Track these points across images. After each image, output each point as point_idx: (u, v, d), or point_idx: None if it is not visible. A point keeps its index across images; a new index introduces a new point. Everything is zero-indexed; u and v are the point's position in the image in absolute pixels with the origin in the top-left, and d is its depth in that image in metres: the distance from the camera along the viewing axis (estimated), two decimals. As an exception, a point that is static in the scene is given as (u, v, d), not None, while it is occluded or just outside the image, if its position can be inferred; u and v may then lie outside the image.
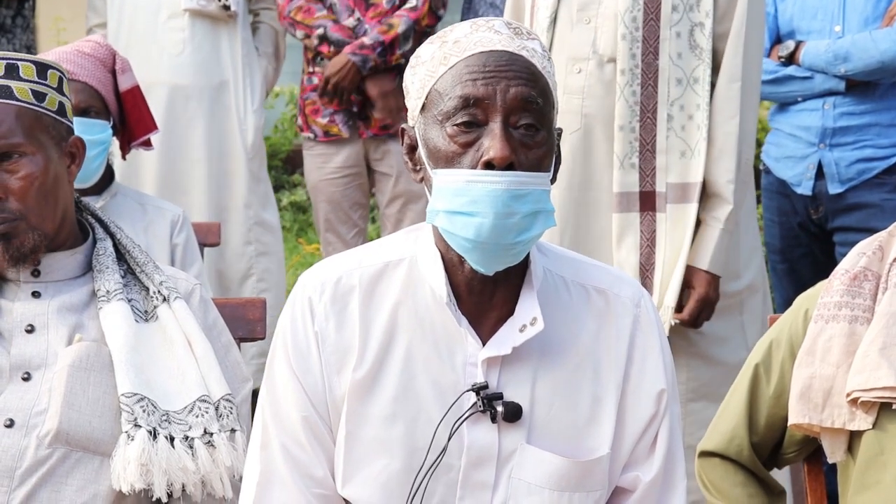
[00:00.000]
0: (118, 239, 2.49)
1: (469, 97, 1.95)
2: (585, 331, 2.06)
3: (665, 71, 3.16)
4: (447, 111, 1.96)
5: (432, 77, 2.00)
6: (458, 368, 2.02)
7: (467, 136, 1.95)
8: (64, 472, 2.27)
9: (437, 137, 1.97)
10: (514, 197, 1.92)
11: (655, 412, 2.07)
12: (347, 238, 4.77)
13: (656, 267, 3.16)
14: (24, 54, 2.50)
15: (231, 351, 2.50)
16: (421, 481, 1.99)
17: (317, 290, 2.06)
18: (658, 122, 3.17)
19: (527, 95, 1.95)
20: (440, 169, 1.96)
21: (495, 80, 1.95)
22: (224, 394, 2.36)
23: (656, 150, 3.16)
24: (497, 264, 1.97)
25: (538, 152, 1.96)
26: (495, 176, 1.91)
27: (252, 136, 4.81)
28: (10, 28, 4.50)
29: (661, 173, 3.17)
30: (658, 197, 3.17)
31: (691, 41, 3.17)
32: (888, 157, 3.99)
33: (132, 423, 2.26)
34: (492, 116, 1.94)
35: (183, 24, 4.70)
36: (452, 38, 2.01)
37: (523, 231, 1.94)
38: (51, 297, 2.39)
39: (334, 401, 2.04)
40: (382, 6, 4.63)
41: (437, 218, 1.97)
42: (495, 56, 1.97)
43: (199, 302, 2.49)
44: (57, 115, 2.43)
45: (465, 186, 1.93)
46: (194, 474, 2.28)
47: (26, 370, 2.33)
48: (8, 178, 2.34)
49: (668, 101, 3.17)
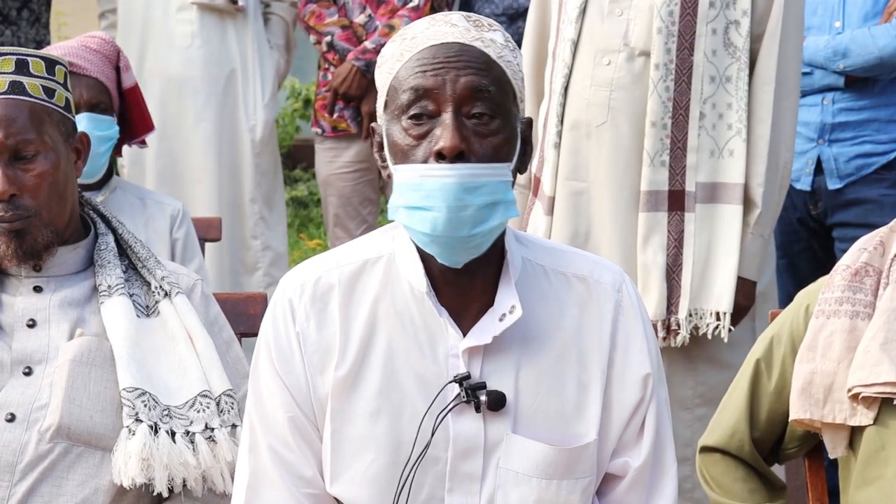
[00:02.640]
0: (120, 234, 2.49)
1: (419, 88, 1.95)
2: (568, 318, 2.06)
3: (699, 67, 3.11)
4: (402, 105, 1.96)
5: (391, 74, 2.00)
6: (441, 360, 2.02)
7: (420, 128, 1.95)
8: (65, 467, 2.28)
9: (396, 132, 1.98)
10: (467, 189, 1.92)
11: (642, 397, 2.07)
12: (356, 234, 4.78)
13: (684, 268, 3.12)
14: (32, 49, 2.50)
15: (232, 346, 2.50)
16: (408, 475, 1.99)
17: (297, 292, 2.06)
18: (690, 119, 3.12)
19: (477, 84, 1.94)
20: (399, 164, 1.97)
21: (444, 71, 1.95)
22: (225, 389, 2.36)
23: (687, 148, 3.12)
24: (459, 257, 1.97)
25: (493, 141, 1.96)
26: (446, 170, 1.91)
27: (261, 130, 4.79)
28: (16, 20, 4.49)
29: (692, 172, 3.12)
30: (687, 196, 3.13)
31: (726, 39, 3.12)
32: (887, 152, 3.99)
33: (133, 418, 2.27)
34: (443, 107, 1.94)
35: (191, 16, 4.69)
36: (410, 34, 2.01)
37: (479, 223, 1.93)
38: (52, 292, 2.40)
39: (319, 400, 2.04)
40: (394, 3, 4.64)
41: (397, 213, 1.98)
42: (446, 48, 1.97)
43: (201, 297, 2.49)
44: (65, 112, 2.43)
45: (419, 181, 1.93)
46: (195, 469, 2.29)
47: (27, 365, 2.33)
48: (23, 176, 2.35)
49: (701, 99, 3.12)
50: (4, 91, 2.36)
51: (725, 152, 3.14)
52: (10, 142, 2.33)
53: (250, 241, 4.82)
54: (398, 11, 4.62)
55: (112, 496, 2.29)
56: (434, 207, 1.92)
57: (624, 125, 3.16)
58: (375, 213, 4.93)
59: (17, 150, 2.34)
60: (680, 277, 3.13)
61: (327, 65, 4.73)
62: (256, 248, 4.84)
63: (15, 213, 2.34)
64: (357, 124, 4.70)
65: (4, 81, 2.36)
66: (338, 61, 4.63)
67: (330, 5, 4.69)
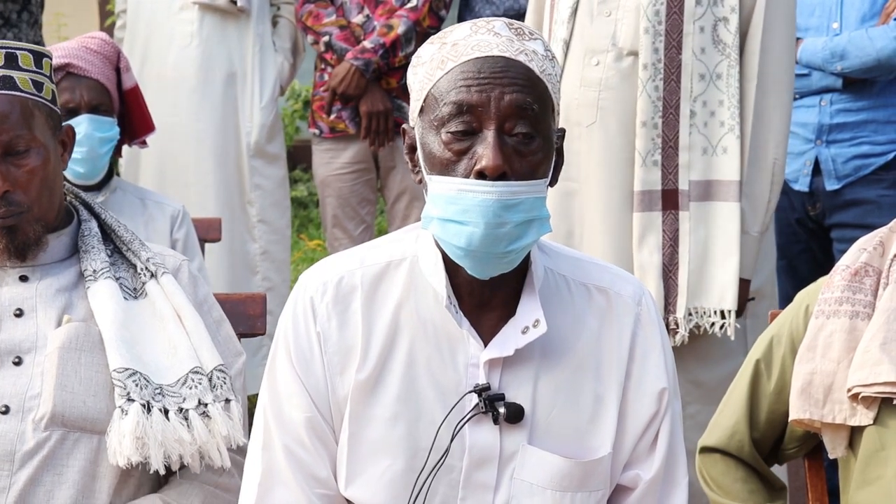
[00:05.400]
0: (103, 219, 2.48)
1: (463, 104, 1.93)
2: (587, 330, 2.06)
3: (688, 66, 3.12)
4: (442, 117, 1.94)
5: (430, 80, 1.98)
6: (460, 369, 2.02)
7: (461, 143, 1.93)
8: (64, 454, 2.27)
9: (433, 143, 1.96)
10: (506, 207, 1.91)
11: (656, 411, 2.07)
12: (354, 234, 4.77)
13: (680, 267, 3.12)
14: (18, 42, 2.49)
15: (223, 325, 2.49)
16: (423, 482, 1.99)
17: (318, 291, 2.06)
18: (681, 118, 3.12)
19: (522, 102, 1.93)
20: (435, 175, 1.96)
21: (490, 87, 1.93)
22: (216, 364, 2.34)
23: (679, 146, 3.12)
24: (491, 270, 1.97)
25: (533, 160, 1.95)
26: (486, 186, 1.90)
27: (256, 133, 4.77)
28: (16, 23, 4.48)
29: (684, 170, 3.12)
30: (681, 195, 3.13)
31: (715, 36, 3.13)
32: (884, 153, 4.00)
33: (125, 398, 2.25)
34: (486, 124, 1.92)
35: (192, 16, 4.69)
36: (451, 39, 1.99)
37: (515, 240, 1.93)
38: (38, 280, 2.39)
39: (337, 401, 2.04)
40: (392, 3, 4.63)
41: (431, 225, 1.97)
42: (490, 62, 1.94)
43: (189, 277, 2.47)
44: (52, 105, 2.43)
45: (456, 195, 1.92)
46: (191, 445, 2.27)
47: (17, 354, 2.33)
48: (15, 171, 2.34)
49: (691, 97, 3.13)
50: None
51: (719, 149, 3.14)
52: (4, 138, 2.32)
53: (248, 244, 4.81)
54: (396, 11, 4.62)
55: (114, 481, 2.29)
56: (471, 223, 1.91)
57: (613, 125, 3.16)
58: (374, 213, 4.92)
59: (9, 146, 2.33)
60: (677, 277, 3.13)
61: (324, 65, 4.73)
62: (255, 252, 4.82)
63: (8, 210, 2.33)
64: (356, 125, 4.69)
65: None
66: (336, 61, 4.62)
67: (328, 5, 4.68)
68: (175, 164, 4.70)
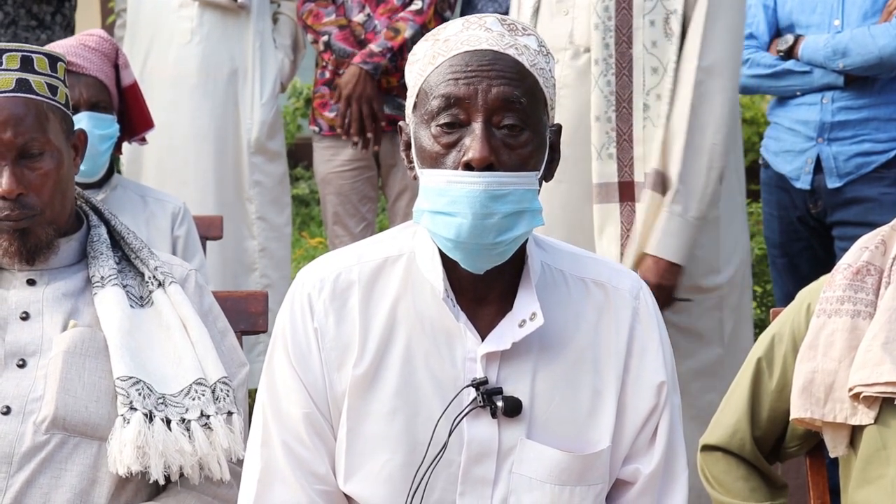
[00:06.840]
0: (113, 226, 2.49)
1: (451, 97, 1.94)
2: (585, 324, 2.06)
3: (639, 60, 3.14)
4: (432, 111, 1.96)
5: (422, 76, 2.00)
6: (458, 364, 2.02)
7: (450, 136, 1.95)
8: (63, 458, 2.27)
9: (424, 137, 1.97)
10: (493, 197, 1.91)
11: (655, 404, 2.07)
12: (355, 232, 4.76)
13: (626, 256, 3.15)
14: (33, 45, 2.50)
15: (227, 336, 2.50)
16: (422, 477, 2.00)
17: (316, 287, 2.06)
18: (634, 111, 3.14)
19: (509, 95, 1.94)
20: (426, 169, 1.97)
21: (477, 80, 1.94)
22: (220, 376, 2.35)
23: (633, 139, 3.14)
24: (483, 263, 1.97)
25: (522, 153, 1.95)
26: (473, 177, 1.91)
27: (257, 130, 4.76)
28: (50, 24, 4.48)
29: (640, 163, 3.15)
30: (637, 187, 3.15)
31: (667, 29, 3.14)
32: (886, 151, 4.00)
33: (128, 407, 2.26)
34: (474, 116, 1.93)
35: (192, 13, 4.68)
36: (444, 36, 2.00)
37: (504, 231, 1.93)
38: (46, 285, 2.40)
39: (335, 397, 2.04)
40: (393, 2, 4.63)
41: (421, 217, 1.98)
42: (479, 55, 1.95)
43: (195, 287, 2.48)
44: (66, 109, 2.44)
45: (445, 187, 1.93)
46: (191, 456, 2.27)
47: (21, 357, 2.33)
48: (29, 174, 2.35)
49: (644, 91, 3.14)
50: (12, 89, 2.36)
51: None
52: (19, 141, 2.33)
53: (247, 241, 4.81)
54: (400, 13, 4.61)
55: (111, 488, 2.29)
56: (459, 213, 1.92)
57: (572, 121, 3.17)
58: (374, 210, 4.91)
59: (24, 149, 2.34)
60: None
61: (324, 63, 4.73)
62: (253, 249, 4.82)
63: (21, 212, 2.34)
64: None
65: (11, 79, 2.36)
66: (334, 61, 4.62)
67: (328, 4, 4.68)
68: (175, 160, 4.70)
